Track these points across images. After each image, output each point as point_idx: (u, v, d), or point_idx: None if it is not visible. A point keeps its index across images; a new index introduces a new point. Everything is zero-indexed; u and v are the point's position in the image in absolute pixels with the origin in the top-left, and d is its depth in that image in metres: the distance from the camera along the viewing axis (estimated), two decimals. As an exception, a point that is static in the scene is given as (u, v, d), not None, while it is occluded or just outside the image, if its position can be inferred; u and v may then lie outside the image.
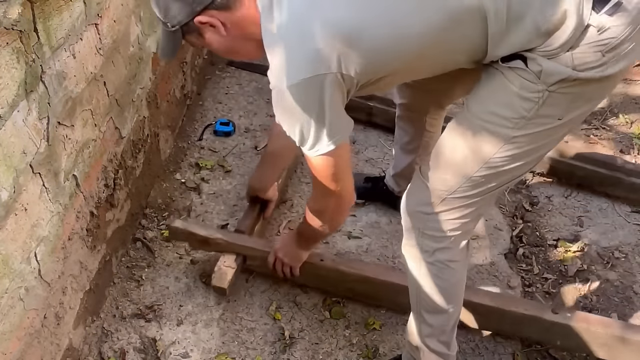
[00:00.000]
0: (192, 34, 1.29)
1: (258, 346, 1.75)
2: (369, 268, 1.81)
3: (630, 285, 1.95)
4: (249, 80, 2.74)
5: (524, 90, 1.15)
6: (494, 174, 1.26)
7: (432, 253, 1.38)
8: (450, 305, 1.44)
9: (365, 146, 2.44)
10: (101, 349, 1.72)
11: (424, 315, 1.47)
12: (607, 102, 2.67)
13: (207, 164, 2.31)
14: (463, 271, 1.46)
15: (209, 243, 1.84)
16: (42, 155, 1.34)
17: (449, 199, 1.31)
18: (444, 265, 1.39)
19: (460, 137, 1.27)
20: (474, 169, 1.26)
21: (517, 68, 1.15)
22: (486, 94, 1.23)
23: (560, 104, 1.15)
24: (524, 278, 1.96)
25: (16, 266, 1.28)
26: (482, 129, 1.22)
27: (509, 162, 1.24)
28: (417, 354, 1.54)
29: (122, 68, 1.78)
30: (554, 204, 2.22)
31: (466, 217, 1.34)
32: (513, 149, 1.22)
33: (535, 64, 1.12)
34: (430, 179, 1.33)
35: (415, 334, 1.52)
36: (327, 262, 1.78)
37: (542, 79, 1.12)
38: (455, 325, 1.52)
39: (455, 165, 1.28)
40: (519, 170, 1.28)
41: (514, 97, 1.16)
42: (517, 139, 1.20)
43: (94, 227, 1.68)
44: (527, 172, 1.35)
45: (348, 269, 1.77)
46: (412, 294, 1.49)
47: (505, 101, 1.18)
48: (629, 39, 1.10)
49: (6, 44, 1.14)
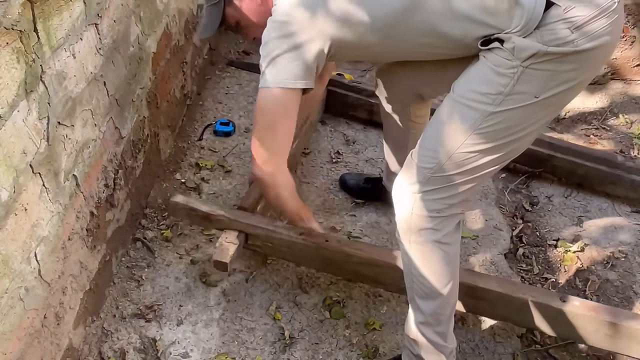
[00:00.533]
0: (231, 5, 1.57)
1: (258, 346, 1.75)
2: (375, 250, 1.76)
3: (630, 285, 1.95)
4: (249, 80, 2.75)
5: (500, 67, 1.24)
6: (476, 152, 1.31)
7: (422, 233, 1.40)
8: (443, 290, 1.44)
9: (365, 146, 2.44)
10: (101, 349, 1.72)
11: (417, 302, 1.48)
12: (607, 102, 2.68)
13: (207, 164, 2.31)
14: (455, 254, 1.46)
15: (211, 219, 1.80)
16: (42, 155, 1.34)
17: (434, 177, 1.35)
18: (433, 247, 1.40)
19: (443, 116, 1.35)
20: (456, 146, 1.31)
21: (495, 48, 1.25)
22: (468, 76, 1.33)
23: (535, 81, 1.22)
24: (524, 278, 1.96)
25: (16, 266, 1.28)
26: (464, 105, 1.30)
27: (489, 140, 1.29)
28: (416, 348, 1.54)
29: (122, 68, 1.78)
30: (554, 204, 2.22)
31: (452, 199, 1.37)
32: (493, 126, 1.27)
33: (509, 42, 1.22)
34: (417, 157, 1.39)
35: (412, 323, 1.52)
36: (332, 243, 1.73)
37: (515, 55, 1.21)
38: (452, 316, 1.52)
39: (439, 142, 1.34)
40: (500, 151, 1.32)
41: (491, 73, 1.26)
42: (496, 115, 1.26)
43: (94, 227, 1.68)
44: (509, 158, 1.38)
45: (353, 250, 1.72)
46: (406, 280, 1.50)
47: (484, 78, 1.27)
48: (599, 18, 1.18)
49: (6, 44, 1.15)
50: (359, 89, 2.44)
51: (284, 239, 1.75)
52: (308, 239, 1.73)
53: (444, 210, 1.37)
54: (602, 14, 1.18)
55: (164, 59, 2.18)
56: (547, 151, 2.22)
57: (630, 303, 1.90)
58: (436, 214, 1.37)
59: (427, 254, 1.42)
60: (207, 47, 2.75)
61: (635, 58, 2.73)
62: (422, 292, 1.46)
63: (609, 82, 2.77)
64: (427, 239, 1.40)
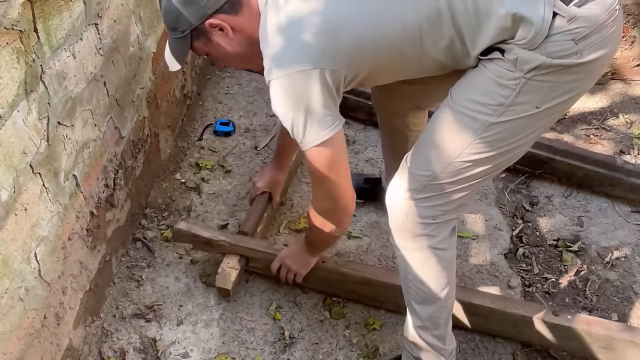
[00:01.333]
0: (200, 39, 1.37)
1: (258, 346, 1.75)
2: (370, 270, 1.81)
3: (630, 285, 1.95)
4: (249, 80, 2.75)
5: (502, 78, 1.21)
6: (474, 162, 1.29)
7: (417, 240, 1.39)
8: (440, 294, 1.44)
9: (365, 146, 2.44)
10: (101, 349, 1.72)
11: (414, 307, 1.48)
12: (607, 102, 2.68)
13: (207, 164, 2.31)
14: (451, 259, 1.45)
15: (212, 245, 1.85)
16: (42, 155, 1.34)
17: (430, 185, 1.33)
18: (429, 253, 1.40)
19: (442, 124, 1.32)
20: (454, 155, 1.29)
21: (496, 59, 1.21)
22: (467, 84, 1.29)
23: (537, 92, 1.20)
24: (524, 278, 1.96)
25: (16, 266, 1.28)
26: (463, 115, 1.27)
27: (488, 150, 1.27)
28: (415, 351, 1.54)
29: (122, 68, 1.78)
30: (554, 204, 2.22)
31: (448, 205, 1.36)
32: (492, 136, 1.25)
33: (511, 53, 1.18)
34: (414, 164, 1.37)
35: (411, 328, 1.52)
36: (329, 264, 1.79)
37: (518, 67, 1.18)
38: (449, 318, 1.52)
39: (436, 151, 1.32)
40: (497, 160, 1.30)
41: (493, 84, 1.23)
42: (497, 125, 1.24)
43: (94, 227, 1.68)
44: (505, 166, 1.38)
45: (349, 270, 1.78)
46: (402, 284, 1.50)
47: (484, 89, 1.24)
48: (601, 28, 1.16)
49: (6, 44, 1.15)
50: (357, 91, 2.44)
51: None
52: None
53: (439, 216, 1.36)
54: (605, 23, 1.16)
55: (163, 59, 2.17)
56: (547, 154, 2.22)
57: (630, 303, 1.90)
58: (431, 220, 1.36)
59: (423, 260, 1.41)
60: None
61: (635, 58, 2.72)
62: (418, 297, 1.46)
63: (609, 82, 2.77)
64: (423, 245, 1.39)
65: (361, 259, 1.99)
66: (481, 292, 1.76)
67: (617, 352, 1.60)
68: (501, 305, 1.68)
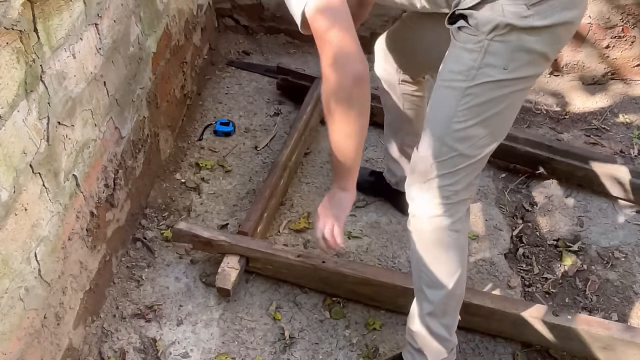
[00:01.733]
0: None
1: (258, 346, 1.75)
2: (370, 270, 1.81)
3: (630, 285, 1.95)
4: (249, 80, 2.75)
5: (468, 43, 1.29)
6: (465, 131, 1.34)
7: (432, 221, 1.43)
8: (451, 277, 1.45)
9: (365, 146, 2.41)
10: (101, 349, 1.72)
11: (425, 292, 1.48)
12: (607, 102, 2.68)
13: (207, 164, 2.31)
14: (463, 243, 1.48)
15: (212, 245, 1.85)
16: (42, 155, 1.34)
17: (435, 163, 1.38)
18: (444, 233, 1.43)
19: (432, 102, 1.40)
20: (445, 127, 1.35)
21: (462, 27, 1.29)
22: (446, 60, 1.37)
23: (501, 52, 1.27)
24: (524, 278, 1.96)
25: (16, 266, 1.28)
26: (445, 87, 1.36)
27: (470, 118, 1.32)
28: (417, 342, 1.53)
29: (122, 68, 1.78)
30: (554, 204, 2.22)
31: (457, 185, 1.40)
32: (470, 102, 1.31)
33: (472, 18, 1.27)
34: (419, 147, 1.43)
35: (417, 315, 1.52)
36: (329, 264, 1.79)
37: (480, 29, 1.26)
38: (457, 310, 1.52)
39: (432, 128, 1.39)
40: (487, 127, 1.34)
41: (462, 51, 1.30)
42: (471, 89, 1.30)
43: (94, 227, 1.68)
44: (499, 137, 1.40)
45: (349, 270, 1.78)
46: (414, 270, 1.51)
47: (456, 57, 1.32)
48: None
49: (6, 44, 1.15)
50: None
51: (282, 261, 1.82)
52: (305, 261, 1.80)
53: (451, 197, 1.41)
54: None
55: (164, 59, 2.18)
56: (547, 154, 2.22)
57: (630, 303, 1.90)
58: (445, 200, 1.41)
59: (437, 241, 1.44)
60: (207, 47, 2.75)
61: (635, 58, 2.72)
62: (430, 281, 1.47)
63: (609, 82, 2.77)
64: (438, 226, 1.43)
65: (361, 259, 1.99)
66: (481, 292, 1.76)
67: (617, 352, 1.60)
68: (501, 305, 1.68)
